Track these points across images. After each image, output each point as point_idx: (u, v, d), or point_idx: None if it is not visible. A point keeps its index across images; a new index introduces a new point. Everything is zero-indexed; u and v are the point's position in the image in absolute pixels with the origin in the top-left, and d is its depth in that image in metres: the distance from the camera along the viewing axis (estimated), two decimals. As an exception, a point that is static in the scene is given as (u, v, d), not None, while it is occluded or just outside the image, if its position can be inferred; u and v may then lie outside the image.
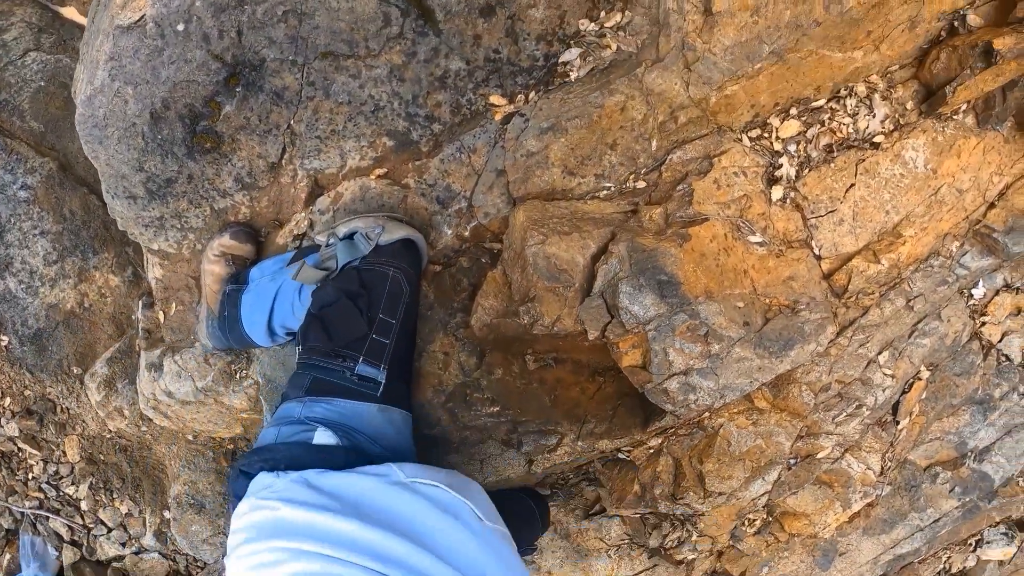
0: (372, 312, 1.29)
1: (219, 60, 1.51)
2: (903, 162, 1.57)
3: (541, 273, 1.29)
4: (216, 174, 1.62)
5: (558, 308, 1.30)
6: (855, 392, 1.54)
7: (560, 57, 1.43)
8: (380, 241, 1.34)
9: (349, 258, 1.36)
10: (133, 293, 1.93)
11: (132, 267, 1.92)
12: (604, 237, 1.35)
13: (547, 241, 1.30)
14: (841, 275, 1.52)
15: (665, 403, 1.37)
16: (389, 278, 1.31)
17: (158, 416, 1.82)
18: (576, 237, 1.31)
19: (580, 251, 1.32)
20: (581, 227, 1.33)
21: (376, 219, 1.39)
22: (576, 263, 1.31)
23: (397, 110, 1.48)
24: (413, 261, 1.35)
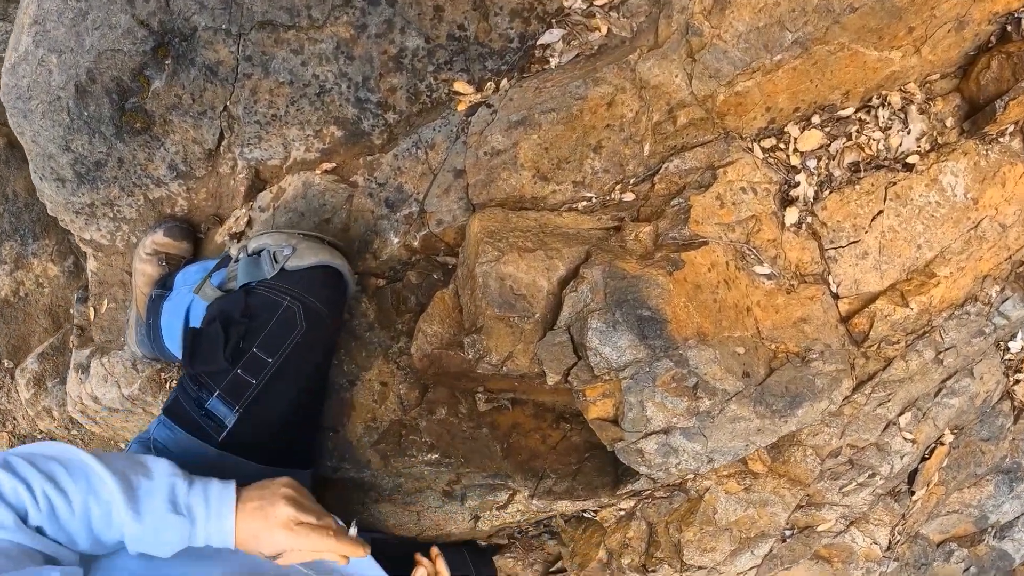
0: (246, 344, 0.95)
1: (145, 27, 1.16)
2: (940, 188, 1.17)
3: (492, 298, 0.92)
4: (148, 159, 1.27)
5: (510, 343, 0.93)
6: (869, 459, 1.15)
7: (538, 39, 1.05)
8: (287, 265, 0.97)
9: (248, 279, 1.01)
10: (73, 285, 1.60)
11: (74, 256, 1.59)
12: (577, 258, 0.97)
13: (503, 258, 0.93)
14: (862, 319, 1.13)
15: (639, 465, 1.00)
16: (281, 309, 0.96)
17: (87, 421, 1.49)
18: (541, 256, 0.94)
19: (544, 273, 0.94)
20: (548, 243, 0.96)
21: (289, 237, 1.03)
22: (538, 288, 0.94)
23: (345, 94, 1.11)
24: (326, 294, 1.00)
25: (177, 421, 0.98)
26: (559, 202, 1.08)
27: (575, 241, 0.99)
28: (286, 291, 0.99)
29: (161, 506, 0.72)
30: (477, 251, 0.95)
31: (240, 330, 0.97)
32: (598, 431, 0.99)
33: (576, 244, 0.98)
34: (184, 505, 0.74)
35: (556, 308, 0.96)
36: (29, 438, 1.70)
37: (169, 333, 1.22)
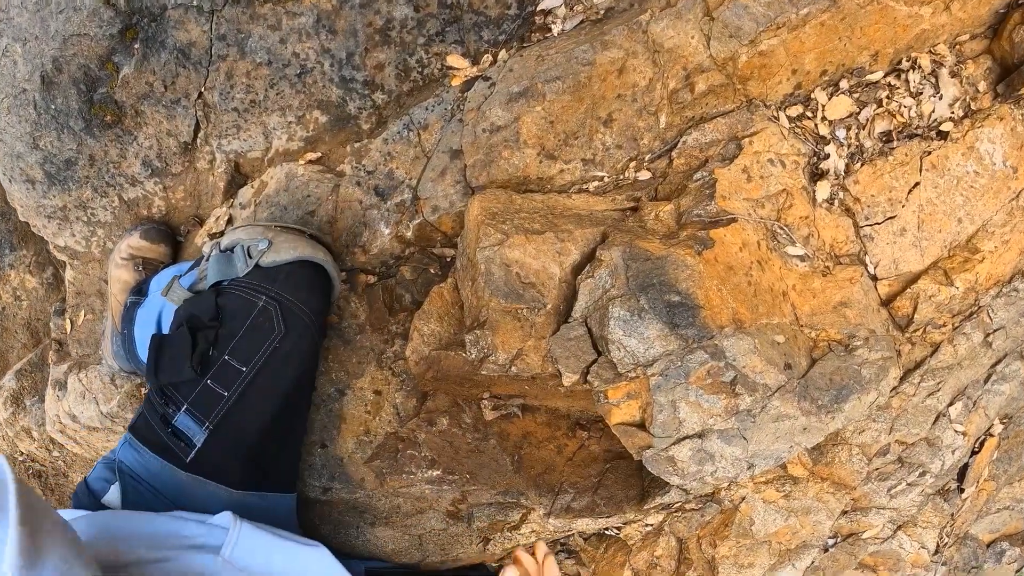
0: (217, 351, 0.77)
1: (111, 7, 0.99)
2: (978, 157, 1.00)
3: (496, 287, 0.74)
4: (121, 155, 1.09)
5: (519, 339, 0.74)
6: (919, 456, 0.96)
7: (539, 4, 0.89)
8: (262, 261, 0.79)
9: (219, 277, 0.82)
10: (52, 297, 1.41)
11: (53, 267, 1.40)
12: (593, 240, 0.79)
13: (508, 242, 0.75)
14: (904, 301, 0.95)
15: (671, 475, 0.80)
16: (256, 310, 0.78)
17: (66, 440, 1.29)
18: (551, 238, 0.76)
19: (555, 258, 0.76)
20: (558, 225, 0.78)
21: (265, 230, 0.85)
22: (549, 275, 0.76)
23: (329, 73, 0.94)
24: (308, 293, 0.81)
25: (143, 441, 0.79)
26: (568, 183, 0.90)
27: (589, 222, 0.81)
28: (261, 290, 0.80)
29: None
30: (478, 235, 0.77)
31: (210, 335, 0.79)
32: (623, 438, 0.80)
33: (590, 225, 0.80)
34: None
35: (571, 298, 0.77)
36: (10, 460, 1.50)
37: (142, 343, 1.03)
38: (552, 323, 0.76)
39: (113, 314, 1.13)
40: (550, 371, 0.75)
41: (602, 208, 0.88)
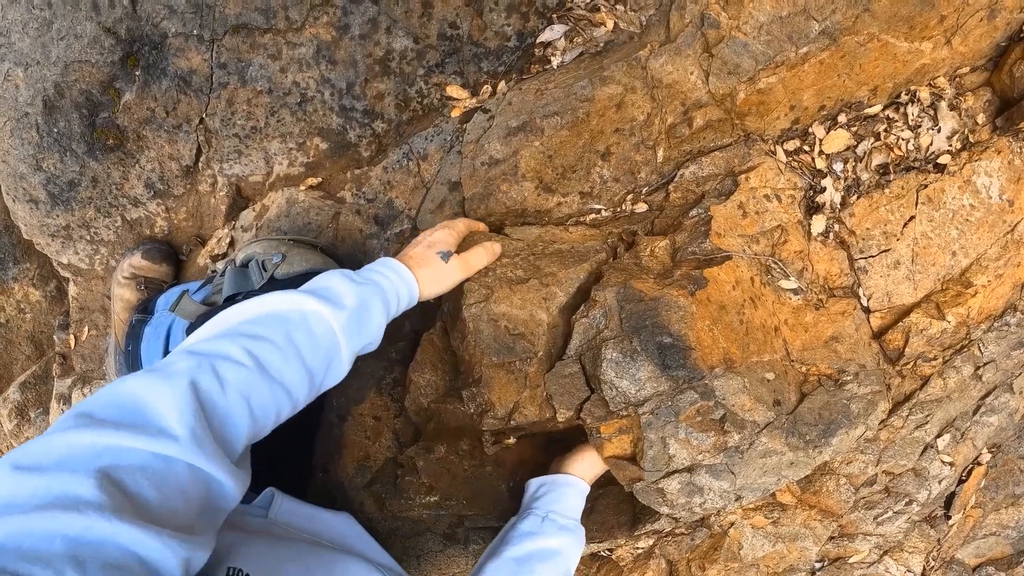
0: None
1: (113, 35, 1.00)
2: (974, 190, 1.01)
3: (487, 345, 0.77)
4: (124, 177, 1.10)
5: (515, 392, 0.77)
6: (905, 486, 0.99)
7: (538, 36, 0.89)
8: (277, 273, 0.82)
9: (235, 291, 0.84)
10: (56, 310, 1.43)
11: (56, 280, 1.42)
12: (577, 279, 0.80)
13: (493, 296, 0.78)
14: (896, 334, 0.96)
15: (660, 505, 0.83)
16: None
17: (73, 453, 1.32)
18: (535, 285, 0.79)
19: (542, 304, 0.79)
20: (542, 268, 0.80)
21: (279, 244, 0.87)
22: (538, 322, 0.78)
23: (329, 102, 0.95)
24: None
25: None
26: (565, 215, 0.92)
27: (572, 259, 0.83)
28: None
29: (351, 288, 0.67)
30: (463, 289, 0.78)
31: None
32: (614, 470, 0.82)
33: (574, 263, 0.82)
34: (363, 278, 0.70)
35: (562, 340, 0.79)
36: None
37: (149, 360, 1.06)
38: (544, 369, 0.78)
39: (116, 332, 1.15)
40: (547, 415, 0.77)
41: (598, 242, 0.89)
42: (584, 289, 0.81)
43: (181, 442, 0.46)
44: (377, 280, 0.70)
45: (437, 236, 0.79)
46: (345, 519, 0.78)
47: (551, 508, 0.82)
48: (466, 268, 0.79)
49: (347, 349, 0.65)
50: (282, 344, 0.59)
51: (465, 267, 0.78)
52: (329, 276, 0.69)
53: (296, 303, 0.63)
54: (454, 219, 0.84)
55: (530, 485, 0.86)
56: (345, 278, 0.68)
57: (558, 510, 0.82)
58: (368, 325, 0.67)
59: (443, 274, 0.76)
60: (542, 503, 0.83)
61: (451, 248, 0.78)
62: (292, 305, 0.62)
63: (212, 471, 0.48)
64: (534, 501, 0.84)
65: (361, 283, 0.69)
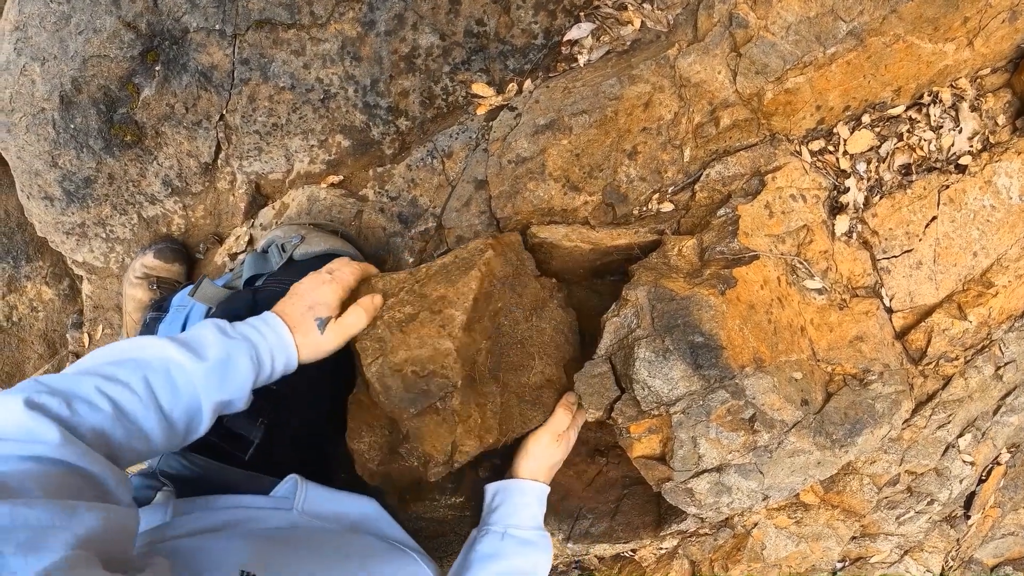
0: None
1: (133, 29, 0.99)
2: (995, 191, 1.02)
3: (400, 399, 0.74)
4: (141, 174, 1.09)
5: (447, 432, 0.75)
6: (928, 485, 0.99)
7: (565, 34, 0.89)
8: (295, 254, 0.82)
9: (253, 272, 0.84)
10: (68, 308, 1.42)
11: (69, 279, 1.41)
12: (471, 289, 0.77)
13: (388, 348, 0.75)
14: (918, 334, 0.97)
15: (688, 505, 0.83)
16: None
17: (83, 454, 1.31)
18: (426, 317, 0.76)
19: (441, 332, 0.75)
20: (427, 294, 0.77)
21: (299, 228, 0.87)
22: (445, 352, 0.75)
23: (352, 99, 0.94)
24: None
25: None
26: (590, 214, 0.91)
27: (457, 271, 0.79)
28: (294, 282, 0.82)
29: (218, 340, 0.66)
30: (357, 350, 0.76)
31: None
32: (643, 470, 0.82)
33: (460, 274, 0.78)
34: (235, 333, 0.68)
35: (484, 356, 0.77)
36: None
37: (165, 357, 1.04)
38: (470, 394, 0.75)
39: (128, 333, 1.14)
40: (490, 440, 0.75)
41: (625, 241, 0.89)
42: (481, 296, 0.77)
43: (52, 445, 0.47)
44: (251, 337, 0.67)
45: (320, 296, 0.73)
46: (370, 503, 0.77)
47: (509, 522, 0.78)
48: (344, 334, 0.73)
49: (207, 402, 0.63)
50: (140, 390, 0.59)
51: (343, 334, 0.73)
52: (202, 325, 0.67)
53: (160, 350, 0.62)
54: (344, 267, 0.77)
55: (487, 491, 0.83)
56: (217, 330, 0.67)
57: (516, 523, 0.78)
58: (232, 381, 0.65)
59: (319, 343, 0.71)
60: (499, 516, 0.79)
61: (332, 311, 0.73)
62: (155, 352, 0.62)
63: (90, 467, 0.48)
64: (491, 513, 0.80)
65: (232, 337, 0.67)
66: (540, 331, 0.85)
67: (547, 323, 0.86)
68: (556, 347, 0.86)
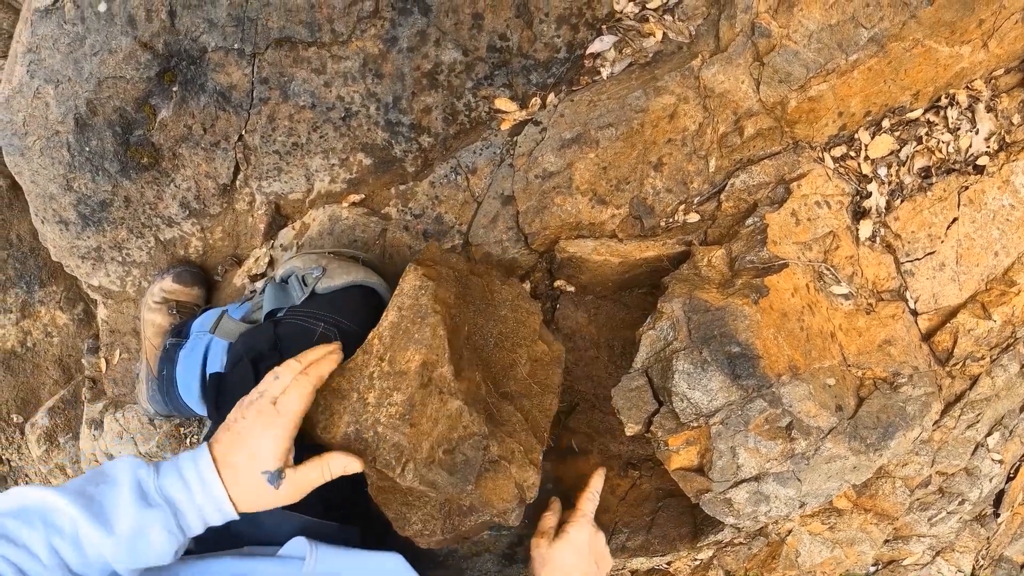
0: None
1: (149, 50, 0.98)
2: (1013, 190, 1.03)
3: (448, 486, 0.71)
4: (158, 197, 1.09)
5: (507, 480, 0.73)
6: (959, 485, 0.99)
7: (588, 47, 0.89)
8: (318, 288, 0.81)
9: (274, 306, 0.83)
10: (83, 333, 1.41)
11: (83, 303, 1.39)
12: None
13: (411, 449, 0.70)
14: (944, 336, 0.97)
15: (726, 516, 0.83)
16: (316, 336, 0.78)
17: (102, 480, 1.29)
18: (424, 396, 0.71)
19: (444, 397, 0.72)
20: (404, 370, 0.71)
21: (319, 258, 0.86)
22: (458, 412, 0.72)
23: (374, 117, 0.94)
24: (364, 316, 0.82)
25: None
26: (618, 227, 0.92)
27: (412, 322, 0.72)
28: (319, 316, 0.81)
29: (131, 508, 0.58)
30: (379, 469, 0.71)
31: (272, 365, 0.78)
32: (681, 482, 0.82)
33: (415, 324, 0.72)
34: (156, 495, 0.60)
35: (479, 400, 0.77)
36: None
37: (185, 384, 1.03)
38: (499, 433, 0.73)
39: (148, 358, 1.13)
40: (539, 453, 0.74)
41: (653, 253, 0.89)
42: (451, 335, 0.73)
43: None
44: (175, 499, 0.60)
45: (263, 447, 0.62)
46: (392, 559, 0.72)
47: None
48: (302, 490, 0.65)
49: (122, 568, 0.58)
50: (45, 557, 0.55)
51: (300, 490, 0.65)
52: (118, 490, 0.59)
53: (67, 513, 0.57)
54: (294, 388, 0.66)
55: None
56: (134, 494, 0.59)
57: None
58: (146, 554, 0.59)
59: (268, 500, 0.63)
60: None
61: (280, 460, 0.62)
62: (64, 515, 0.57)
63: None
64: None
65: (150, 506, 0.59)
66: (502, 319, 0.83)
67: (503, 308, 0.83)
68: (520, 323, 0.83)
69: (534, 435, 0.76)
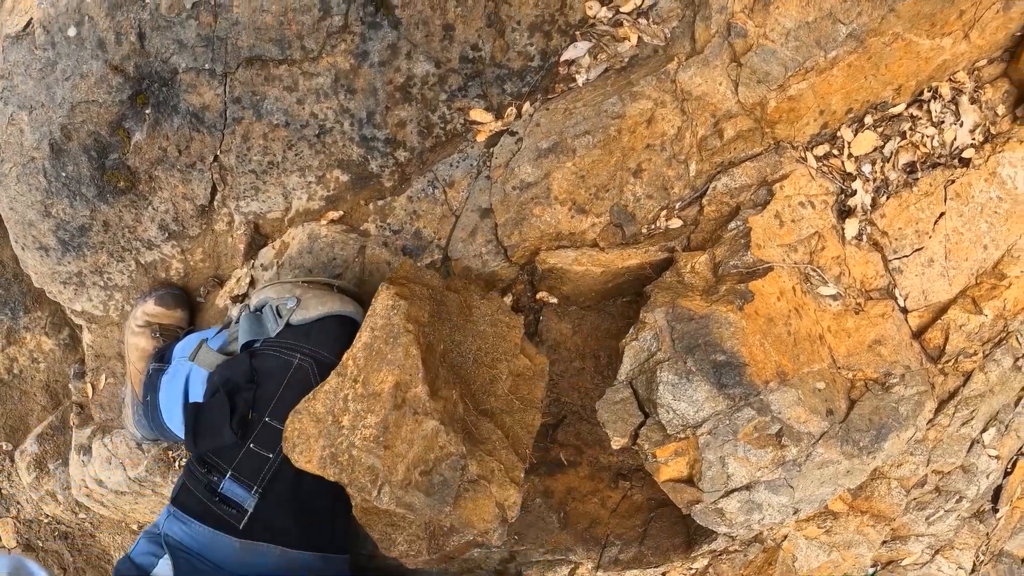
0: (257, 413, 0.76)
1: (121, 73, 0.95)
2: (1000, 182, 0.99)
3: (426, 508, 0.69)
4: (136, 220, 1.06)
5: (487, 500, 0.69)
6: (955, 483, 0.96)
7: (562, 54, 0.86)
8: (292, 319, 0.78)
9: (250, 338, 0.81)
10: (70, 358, 1.38)
11: (69, 328, 1.36)
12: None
13: (385, 472, 0.68)
14: (935, 332, 0.94)
15: (718, 525, 0.80)
16: (292, 368, 0.76)
17: (94, 504, 1.27)
18: (399, 417, 0.69)
19: (418, 417, 0.69)
20: (378, 392, 0.70)
21: (293, 287, 0.83)
22: (434, 431, 0.69)
23: (348, 133, 0.91)
24: (341, 346, 0.78)
25: (189, 511, 0.77)
26: (599, 236, 0.88)
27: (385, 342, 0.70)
28: (295, 348, 0.79)
29: None
30: (352, 493, 0.70)
31: (248, 397, 0.77)
32: (671, 494, 0.79)
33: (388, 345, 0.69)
34: None
35: (456, 418, 0.71)
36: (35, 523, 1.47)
37: (168, 410, 1.01)
38: (478, 452, 0.70)
39: (133, 382, 1.10)
40: (520, 471, 0.71)
41: (636, 261, 0.86)
42: (426, 353, 0.70)
43: None
44: None
45: None
46: None
47: None
48: None
49: None
50: None
51: None
52: None
53: None
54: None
55: None
56: None
57: None
58: None
59: None
60: None
61: None
62: None
63: None
64: None
65: None
66: (482, 334, 0.80)
67: (482, 323, 0.81)
68: (500, 337, 0.80)
69: (515, 452, 0.73)
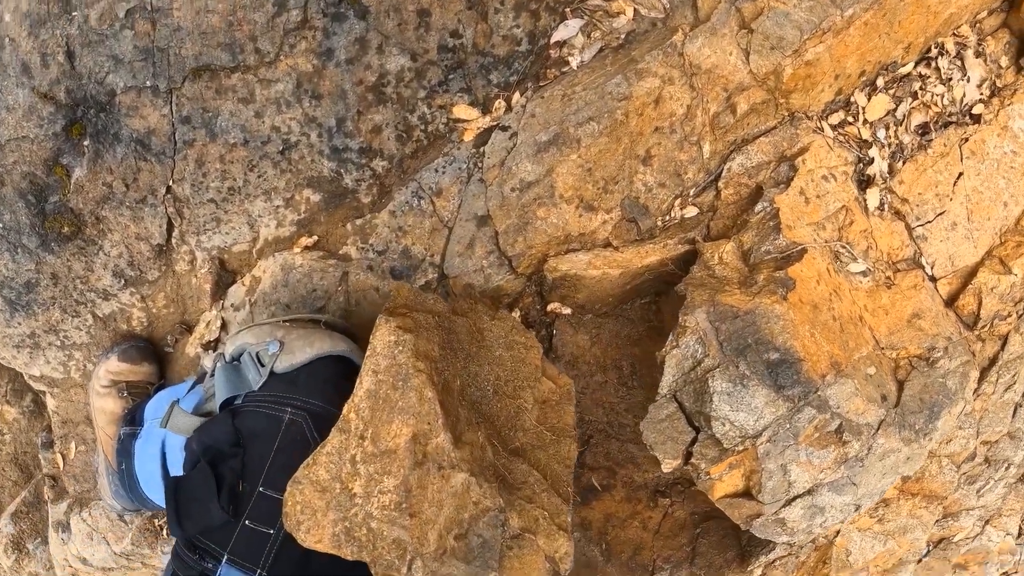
0: (248, 484, 0.63)
1: (51, 100, 0.81)
2: (1012, 135, 0.94)
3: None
4: (87, 269, 0.91)
5: (535, 555, 0.58)
6: (1003, 451, 0.91)
7: (552, 35, 0.76)
8: (276, 367, 0.65)
9: (230, 393, 0.68)
10: (36, 425, 1.21)
11: (32, 393, 1.19)
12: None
13: (416, 543, 0.57)
14: (967, 298, 0.88)
15: (780, 535, 0.71)
16: (283, 426, 0.64)
17: (79, 584, 1.11)
18: (422, 478, 0.58)
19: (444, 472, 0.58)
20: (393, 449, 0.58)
21: (273, 329, 0.71)
22: (465, 485, 0.58)
23: (317, 146, 0.79)
24: (337, 393, 0.67)
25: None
26: (611, 234, 0.78)
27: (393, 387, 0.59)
28: (284, 400, 0.67)
29: None
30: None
31: (235, 465, 0.64)
32: (728, 510, 0.70)
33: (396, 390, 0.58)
34: None
35: (486, 464, 0.61)
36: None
37: (147, 479, 0.87)
38: (516, 500, 0.59)
39: (104, 450, 0.95)
40: (566, 514, 0.61)
41: (656, 258, 0.76)
42: (442, 394, 0.60)
43: None
44: None
45: None
46: None
47: None
48: None
49: None
50: None
51: None
52: None
53: None
54: None
55: None
56: None
57: None
58: None
59: None
60: None
61: None
62: None
63: None
64: None
65: None
66: (498, 361, 0.70)
67: (496, 347, 0.71)
68: (519, 361, 0.70)
69: (557, 493, 0.63)
